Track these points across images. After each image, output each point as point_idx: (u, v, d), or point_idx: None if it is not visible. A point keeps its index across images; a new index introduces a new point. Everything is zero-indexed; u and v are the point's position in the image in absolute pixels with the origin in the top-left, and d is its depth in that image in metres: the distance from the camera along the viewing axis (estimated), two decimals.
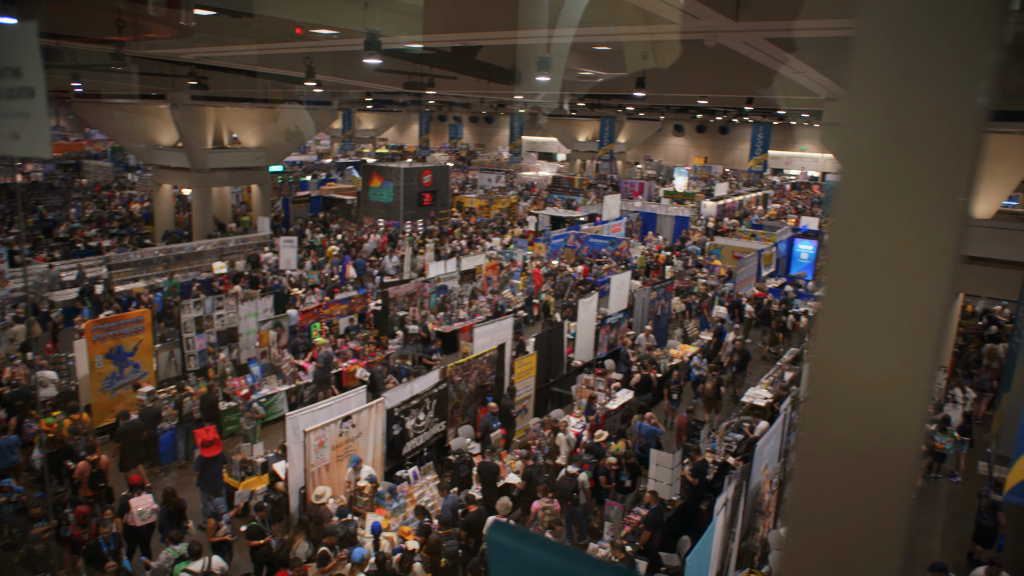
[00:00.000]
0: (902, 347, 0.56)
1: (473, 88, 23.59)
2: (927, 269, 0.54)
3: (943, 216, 0.53)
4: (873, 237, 0.56)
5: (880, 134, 0.55)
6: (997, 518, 10.55)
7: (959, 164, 0.52)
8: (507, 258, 24.88)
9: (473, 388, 13.08)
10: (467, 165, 53.28)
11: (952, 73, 0.52)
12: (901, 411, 0.57)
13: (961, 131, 0.52)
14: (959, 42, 0.51)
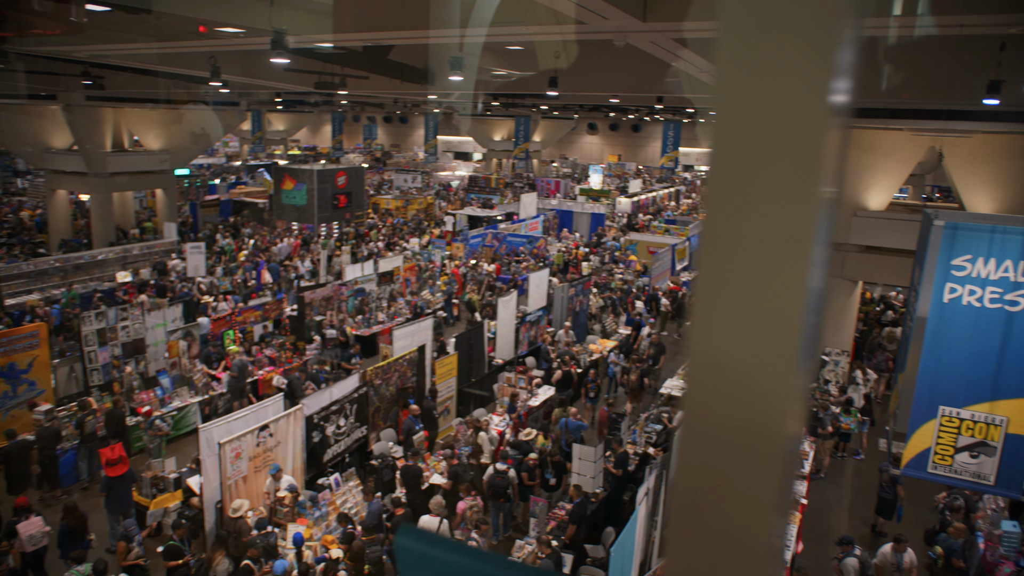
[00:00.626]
0: (771, 332, 0.59)
1: (386, 88, 23.31)
2: (790, 258, 0.57)
3: (803, 207, 0.56)
4: (739, 228, 0.59)
5: (742, 130, 0.58)
6: (896, 491, 11.22)
7: (816, 158, 0.55)
8: (425, 259, 24.72)
9: (394, 391, 12.94)
10: (382, 166, 52.61)
11: (806, 72, 0.55)
12: (772, 394, 0.60)
13: (817, 126, 0.55)
14: (812, 43, 0.54)
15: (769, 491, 0.61)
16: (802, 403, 0.67)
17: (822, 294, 0.67)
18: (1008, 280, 7.08)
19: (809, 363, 0.67)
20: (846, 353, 16.12)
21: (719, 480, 0.64)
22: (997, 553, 9.83)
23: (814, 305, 0.63)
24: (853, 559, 9.13)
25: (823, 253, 0.62)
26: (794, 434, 0.64)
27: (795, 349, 0.58)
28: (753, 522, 0.62)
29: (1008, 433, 7.42)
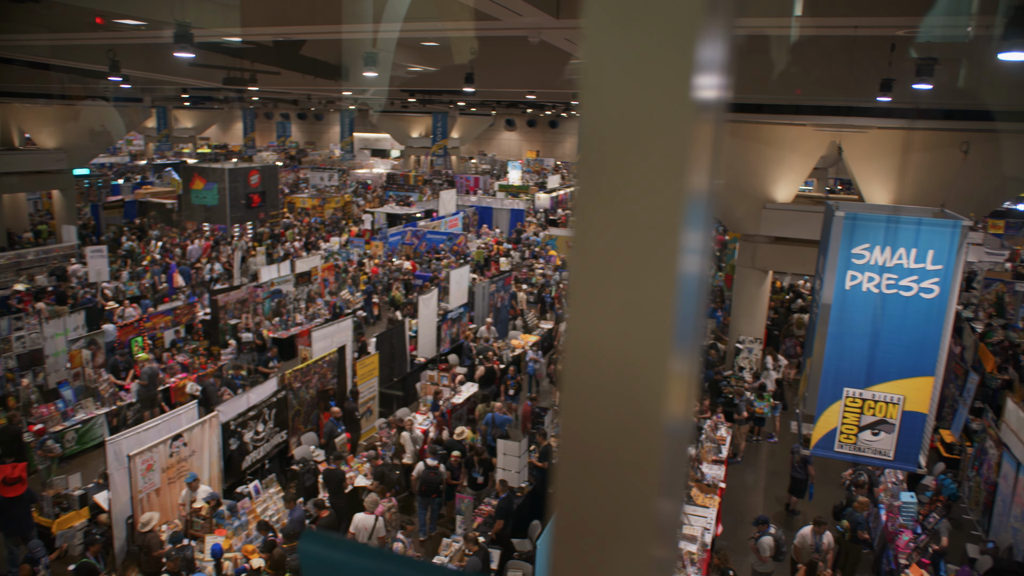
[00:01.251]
0: (642, 319, 0.60)
1: (299, 84, 22.74)
2: (658, 247, 0.58)
3: (669, 198, 0.58)
4: (607, 219, 0.60)
5: (608, 123, 0.59)
6: (807, 470, 11.76)
7: (680, 150, 0.56)
8: (344, 258, 24.29)
9: (314, 394, 12.67)
10: (297, 164, 51.34)
11: (669, 66, 0.56)
12: (646, 379, 0.61)
13: (681, 120, 0.56)
14: (674, 38, 0.56)
15: (649, 475, 0.62)
16: (681, 387, 0.69)
17: (700, 280, 0.69)
18: (903, 267, 7.51)
19: (689, 348, 0.69)
20: (759, 340, 16.76)
21: (599, 467, 0.65)
22: (897, 523, 10.44)
23: (690, 291, 0.65)
24: (768, 538, 9.51)
25: (697, 241, 0.64)
26: (673, 418, 0.65)
27: (668, 334, 0.59)
28: (635, 506, 0.63)
29: (904, 410, 7.88)
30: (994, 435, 11.62)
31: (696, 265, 0.66)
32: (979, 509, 12.00)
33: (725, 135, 0.70)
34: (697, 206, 0.63)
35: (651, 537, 0.64)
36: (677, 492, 0.75)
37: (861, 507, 10.27)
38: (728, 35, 0.64)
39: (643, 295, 0.60)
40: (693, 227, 0.63)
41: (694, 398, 0.76)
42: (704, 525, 10.16)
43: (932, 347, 7.71)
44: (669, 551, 0.75)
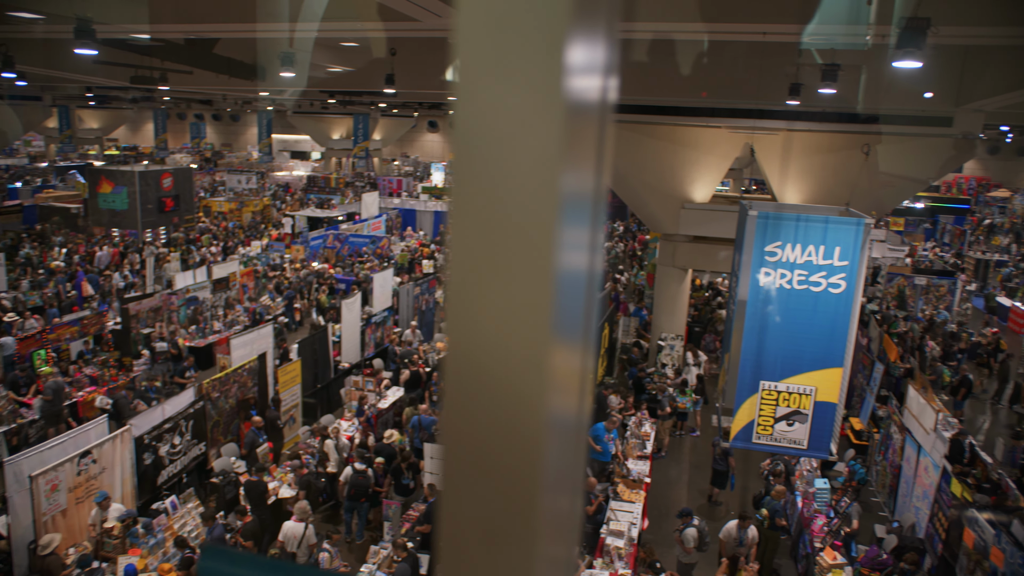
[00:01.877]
0: (519, 316, 0.60)
1: (213, 84, 21.99)
2: (533, 246, 0.59)
3: (542, 198, 0.58)
4: (482, 219, 0.60)
5: (481, 124, 0.59)
6: (728, 462, 12.13)
7: (553, 152, 0.57)
8: (264, 263, 23.64)
9: (234, 403, 12.27)
10: (213, 166, 49.66)
11: (544, 69, 0.57)
12: (525, 376, 0.61)
13: (553, 121, 0.57)
14: (548, 42, 0.56)
15: (533, 473, 0.62)
16: (568, 382, 0.69)
17: (588, 277, 0.69)
18: (812, 263, 7.85)
19: (578, 343, 0.70)
20: (680, 337, 17.20)
21: (482, 467, 0.64)
22: (812, 508, 10.90)
23: (572, 287, 0.65)
24: (692, 529, 9.77)
25: (580, 238, 0.65)
26: (559, 414, 0.65)
27: (545, 331, 0.59)
28: (520, 505, 0.63)
29: (817, 401, 8.24)
30: (898, 421, 12.27)
31: (581, 261, 0.67)
32: (885, 491, 12.65)
33: (611, 134, 0.71)
34: (577, 204, 0.64)
35: (539, 536, 0.64)
36: (569, 489, 0.75)
37: (778, 495, 10.66)
38: (610, 37, 0.65)
39: (518, 293, 0.60)
40: (574, 225, 0.63)
41: (586, 393, 0.76)
42: (630, 520, 10.34)
43: (840, 339, 8.08)
44: (562, 550, 0.75)
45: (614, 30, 0.65)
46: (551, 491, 0.66)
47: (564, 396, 0.68)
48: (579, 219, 0.65)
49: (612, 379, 16.22)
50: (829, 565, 9.37)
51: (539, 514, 0.63)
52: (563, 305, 0.63)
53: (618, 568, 9.39)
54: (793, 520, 11.29)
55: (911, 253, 30.00)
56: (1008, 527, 8.86)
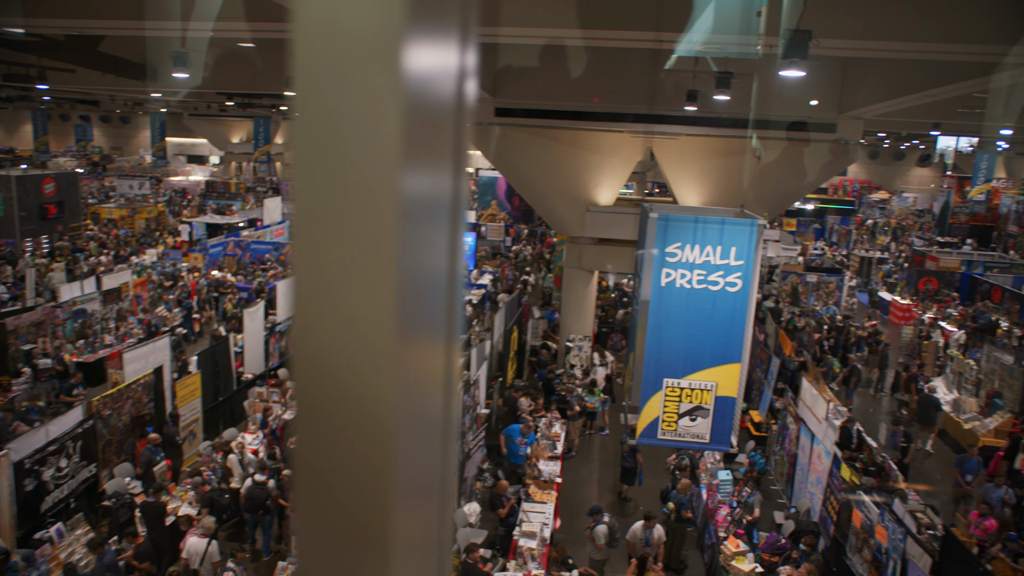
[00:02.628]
0: (362, 320, 0.59)
1: (99, 83, 20.83)
2: (373, 250, 0.58)
3: (380, 202, 0.57)
4: (323, 223, 0.59)
5: (321, 127, 0.58)
6: (636, 459, 12.42)
7: (393, 156, 0.56)
8: (159, 273, 22.56)
9: (128, 420, 11.63)
10: (102, 171, 46.99)
11: (382, 73, 0.56)
12: (371, 381, 0.60)
13: (392, 124, 0.56)
14: (385, 45, 0.55)
15: (385, 480, 0.61)
16: (427, 385, 0.68)
17: (446, 279, 0.68)
18: (710, 263, 8.15)
19: (441, 344, 0.69)
20: (588, 338, 17.50)
21: (333, 474, 0.62)
22: (716, 499, 11.30)
23: (427, 289, 0.64)
24: (603, 526, 9.94)
25: (430, 240, 0.64)
26: (412, 417, 0.64)
27: (390, 332, 0.58)
28: (374, 514, 0.62)
29: (717, 396, 8.55)
30: (793, 412, 12.89)
31: (436, 262, 0.66)
32: (783, 479, 13.26)
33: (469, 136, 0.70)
34: (428, 206, 0.63)
35: (396, 545, 0.62)
36: (433, 494, 0.73)
37: (684, 489, 11.00)
38: (464, 41, 0.64)
39: (362, 294, 0.59)
40: (425, 226, 0.62)
41: (453, 393, 0.75)
42: (543, 521, 10.43)
43: (738, 336, 8.42)
44: (428, 558, 0.73)
45: (470, 33, 0.64)
46: (409, 497, 0.64)
47: (421, 398, 0.66)
48: (431, 220, 0.64)
49: (522, 381, 16.34)
50: (732, 553, 9.74)
51: (395, 521, 0.61)
52: (415, 305, 0.61)
53: (531, 569, 9.44)
54: (699, 512, 11.67)
55: (803, 252, 31.63)
56: (890, 506, 9.45)
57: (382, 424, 0.59)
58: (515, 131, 16.87)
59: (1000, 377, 16.51)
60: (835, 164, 17.28)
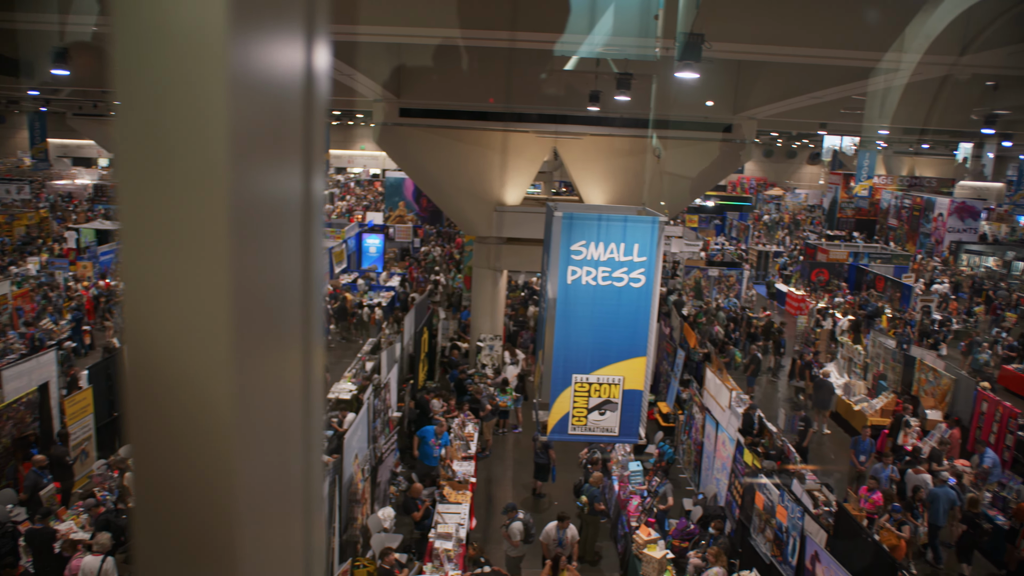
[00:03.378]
0: (197, 326, 0.56)
1: None
2: (203, 254, 0.55)
3: (207, 204, 0.55)
4: (150, 227, 0.56)
5: (144, 130, 0.55)
6: (549, 455, 12.56)
7: (223, 157, 0.54)
8: (42, 282, 21.17)
9: (9, 442, 10.85)
10: None
11: (205, 73, 0.54)
12: (208, 389, 0.58)
13: (219, 126, 0.54)
14: (208, 48, 0.54)
15: (225, 492, 0.58)
16: (271, 391, 0.65)
17: (300, 280, 0.66)
18: (614, 260, 8.32)
19: (289, 348, 0.67)
20: (498, 337, 17.57)
21: (173, 489, 0.59)
22: (628, 490, 11.58)
23: (273, 292, 0.62)
24: (518, 523, 10.00)
25: (276, 241, 0.62)
26: (259, 424, 0.62)
27: (224, 342, 0.56)
28: (216, 527, 0.59)
29: (625, 390, 8.74)
30: (698, 402, 13.35)
31: (285, 263, 0.63)
32: (691, 467, 13.72)
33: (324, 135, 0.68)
34: (272, 206, 0.60)
35: (242, 557, 0.59)
36: (291, 505, 0.70)
37: (596, 482, 11.21)
38: (311, 41, 0.62)
39: (194, 299, 0.56)
40: (266, 230, 0.60)
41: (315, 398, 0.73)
42: (458, 521, 10.41)
43: (643, 330, 8.63)
44: (289, 570, 0.71)
45: (318, 31, 0.62)
46: (261, 507, 0.61)
47: (271, 406, 0.63)
48: (277, 223, 0.61)
49: (434, 383, 16.25)
50: (644, 541, 9.99)
51: (242, 533, 0.58)
52: (260, 312, 0.59)
53: (448, 570, 9.41)
54: (611, 503, 11.92)
55: (705, 247, 32.83)
56: (789, 487, 9.93)
57: (222, 435, 0.56)
58: (421, 132, 16.77)
59: (884, 360, 17.64)
60: (728, 162, 18.01)
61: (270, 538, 0.64)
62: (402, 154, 17.95)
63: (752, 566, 9.73)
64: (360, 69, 13.47)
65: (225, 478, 0.57)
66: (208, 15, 0.51)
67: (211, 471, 0.57)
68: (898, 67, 10.90)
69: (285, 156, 0.62)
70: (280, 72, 0.60)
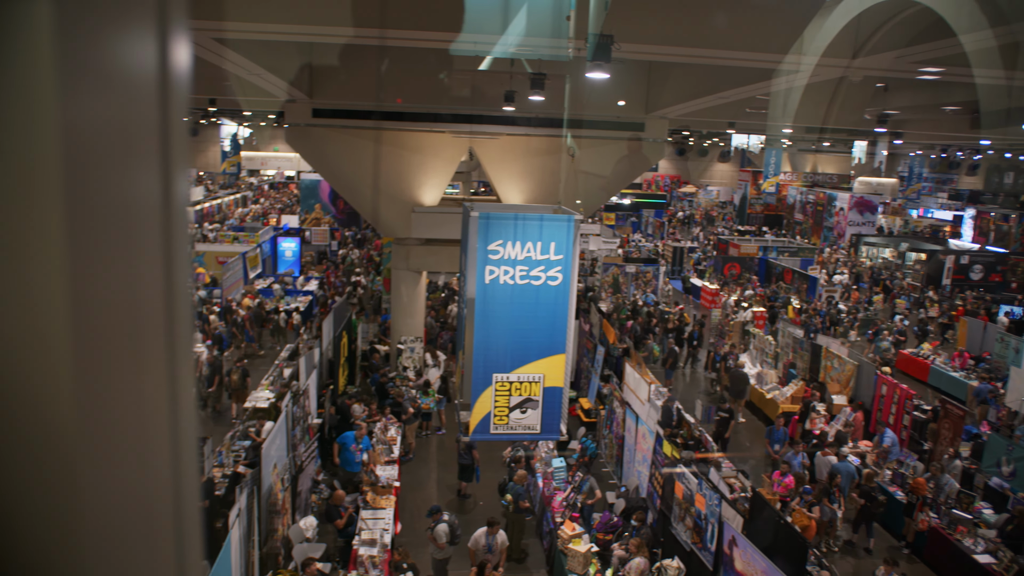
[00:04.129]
0: (35, 351, 0.54)
1: None
2: (41, 270, 0.53)
3: (44, 215, 0.53)
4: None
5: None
6: (472, 455, 12.55)
7: (46, 162, 0.52)
8: None
9: None
10: None
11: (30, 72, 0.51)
12: (52, 420, 0.55)
13: (43, 128, 0.52)
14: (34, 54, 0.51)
15: (67, 513, 0.56)
16: (126, 411, 0.63)
17: (162, 285, 0.64)
18: (531, 259, 8.39)
19: (129, 367, 0.64)
20: (419, 339, 17.45)
21: (13, 511, 0.56)
22: (552, 487, 11.69)
23: (117, 307, 0.60)
24: (443, 525, 9.95)
25: (117, 253, 0.59)
26: (105, 449, 0.59)
27: (65, 353, 0.53)
28: (58, 548, 0.56)
29: (545, 387, 8.84)
30: (619, 396, 13.61)
31: (141, 274, 0.61)
32: (613, 461, 13.98)
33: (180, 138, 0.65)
34: (117, 215, 0.58)
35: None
36: (158, 523, 0.67)
37: (520, 480, 11.28)
38: (166, 38, 0.60)
39: (28, 316, 0.53)
40: (116, 236, 0.57)
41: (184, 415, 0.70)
42: (383, 526, 10.29)
43: (561, 328, 8.74)
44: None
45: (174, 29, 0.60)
46: (118, 524, 0.58)
47: (127, 421, 0.60)
48: (128, 229, 0.58)
49: (355, 387, 16.00)
50: (569, 536, 10.12)
51: (92, 552, 0.55)
52: (110, 322, 0.56)
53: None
54: (536, 501, 12.02)
55: (622, 244, 33.50)
56: (707, 475, 10.26)
57: (64, 451, 0.53)
58: (335, 132, 16.47)
59: (793, 350, 18.44)
60: (641, 161, 18.42)
61: (131, 559, 0.61)
62: (316, 155, 17.59)
63: (674, 554, 9.99)
64: (269, 68, 13.13)
65: (70, 498, 0.53)
66: (33, 8, 0.48)
67: (53, 492, 0.54)
68: (798, 68, 11.42)
69: (139, 158, 0.59)
70: (128, 70, 0.57)
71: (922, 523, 11.50)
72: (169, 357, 0.64)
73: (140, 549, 0.63)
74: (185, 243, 0.65)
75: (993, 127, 21.67)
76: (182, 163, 0.63)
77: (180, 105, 0.62)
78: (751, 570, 8.41)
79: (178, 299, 0.65)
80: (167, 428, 0.65)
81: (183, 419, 0.68)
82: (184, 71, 0.62)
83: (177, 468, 0.67)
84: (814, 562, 9.15)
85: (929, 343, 21.32)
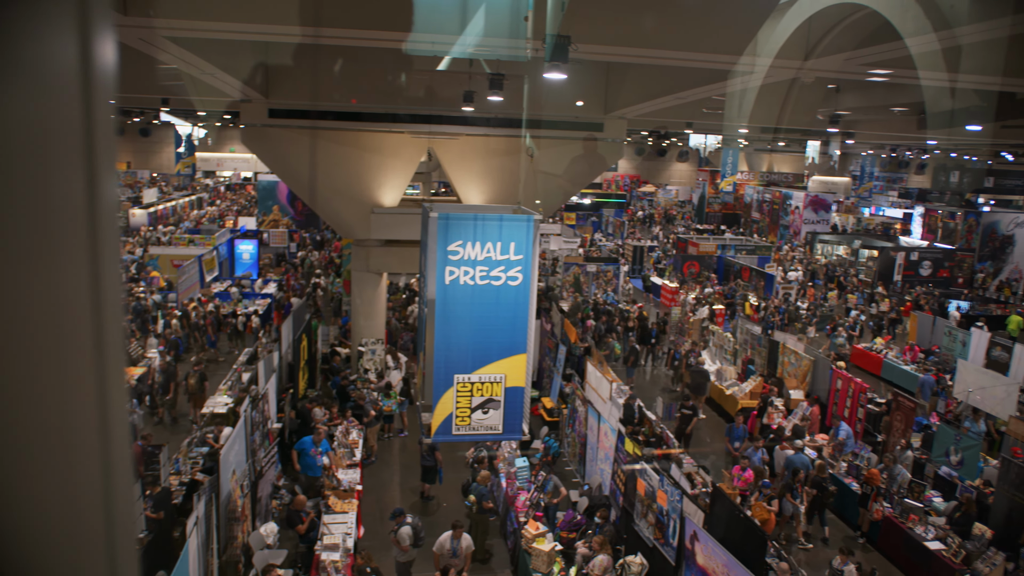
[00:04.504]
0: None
1: None
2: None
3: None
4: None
5: None
6: (435, 457, 12.49)
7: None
8: None
9: None
10: None
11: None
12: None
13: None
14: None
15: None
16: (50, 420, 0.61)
17: (80, 299, 0.62)
18: (491, 259, 8.39)
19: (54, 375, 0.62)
20: (380, 341, 17.31)
21: None
22: (515, 486, 11.70)
23: (41, 312, 0.58)
24: (407, 527, 9.89)
25: (40, 258, 0.58)
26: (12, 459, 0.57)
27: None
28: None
29: (507, 387, 8.85)
30: (581, 395, 13.68)
31: (67, 279, 0.59)
32: (576, 460, 14.04)
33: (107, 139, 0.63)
34: (34, 219, 0.56)
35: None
36: (81, 534, 0.65)
37: (484, 480, 11.25)
38: (88, 35, 0.58)
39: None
40: (36, 241, 0.56)
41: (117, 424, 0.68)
42: (345, 531, 10.18)
43: (522, 328, 8.76)
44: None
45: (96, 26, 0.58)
46: (37, 534, 0.56)
47: (46, 422, 0.58)
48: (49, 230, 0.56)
49: (315, 391, 15.82)
50: (533, 535, 10.14)
51: (12, 560, 0.53)
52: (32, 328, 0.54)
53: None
54: (500, 501, 12.01)
55: (583, 244, 33.69)
56: (668, 471, 10.37)
57: None
58: (293, 133, 16.25)
59: (752, 346, 18.76)
60: (600, 161, 18.54)
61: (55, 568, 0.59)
62: (273, 156, 17.32)
63: (637, 550, 10.08)
64: (222, 67, 12.89)
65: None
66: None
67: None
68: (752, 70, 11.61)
69: (61, 158, 0.57)
70: (48, 65, 0.55)
71: (876, 513, 11.79)
72: (98, 365, 0.62)
73: (67, 550, 0.61)
74: (115, 246, 0.63)
75: (938, 127, 22.33)
76: (109, 163, 0.61)
77: (105, 103, 0.60)
78: (712, 564, 8.52)
79: (107, 305, 0.63)
80: (96, 436, 0.63)
81: (114, 428, 0.65)
82: (110, 68, 0.60)
83: (108, 473, 0.64)
84: (773, 554, 9.31)
85: (882, 338, 21.88)
